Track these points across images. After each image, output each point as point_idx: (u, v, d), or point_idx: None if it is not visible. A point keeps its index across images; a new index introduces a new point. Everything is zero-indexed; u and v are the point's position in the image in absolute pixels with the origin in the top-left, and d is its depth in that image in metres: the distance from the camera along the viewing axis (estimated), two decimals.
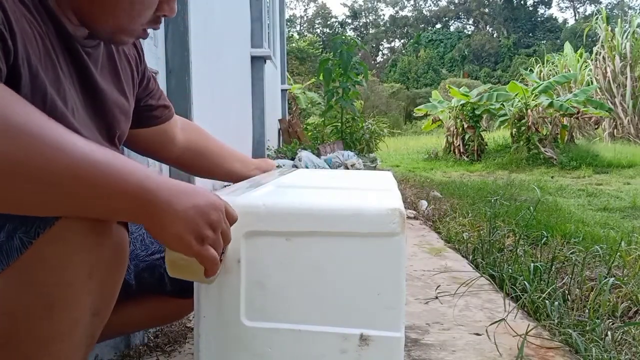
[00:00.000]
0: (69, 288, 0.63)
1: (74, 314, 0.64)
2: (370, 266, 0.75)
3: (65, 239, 0.61)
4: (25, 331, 0.61)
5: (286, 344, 0.77)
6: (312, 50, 27.28)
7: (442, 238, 2.87)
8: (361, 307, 0.76)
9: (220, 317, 0.79)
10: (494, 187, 5.26)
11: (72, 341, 0.66)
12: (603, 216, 3.94)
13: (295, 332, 0.77)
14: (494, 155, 9.65)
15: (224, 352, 0.79)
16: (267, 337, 0.78)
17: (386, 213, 0.75)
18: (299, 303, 0.77)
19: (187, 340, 1.39)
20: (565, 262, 2.17)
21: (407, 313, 1.62)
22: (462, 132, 9.92)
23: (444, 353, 1.34)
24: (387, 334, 0.76)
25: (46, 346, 0.63)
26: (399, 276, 0.76)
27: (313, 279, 0.77)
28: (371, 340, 0.76)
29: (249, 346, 0.78)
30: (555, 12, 70.83)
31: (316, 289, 0.77)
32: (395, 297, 0.76)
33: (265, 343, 0.78)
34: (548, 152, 8.62)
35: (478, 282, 1.91)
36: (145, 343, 1.34)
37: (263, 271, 0.77)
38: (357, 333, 0.75)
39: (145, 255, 1.01)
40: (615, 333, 1.45)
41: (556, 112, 8.85)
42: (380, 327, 0.76)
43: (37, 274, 0.61)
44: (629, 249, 2.31)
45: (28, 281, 0.61)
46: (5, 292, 0.60)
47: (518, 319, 1.57)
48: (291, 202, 0.79)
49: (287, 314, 0.78)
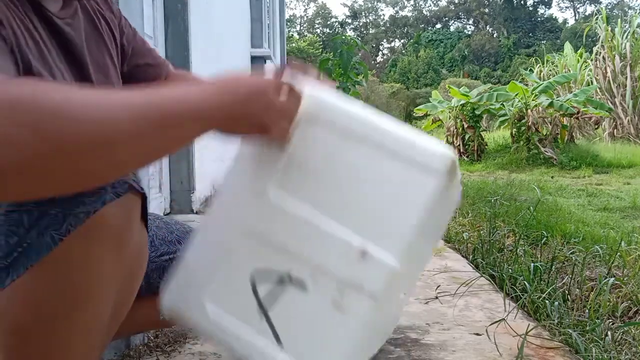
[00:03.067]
0: (94, 286, 0.63)
1: (96, 311, 0.65)
2: (402, 194, 0.77)
3: (95, 237, 0.61)
4: (47, 327, 0.62)
5: (295, 224, 0.79)
6: (312, 50, 27.30)
7: (442, 238, 2.87)
8: (376, 226, 0.77)
9: (250, 177, 0.81)
10: (494, 187, 5.26)
11: (92, 339, 0.66)
12: (603, 216, 3.94)
13: (308, 219, 0.79)
14: (494, 155, 9.66)
15: (239, 206, 0.80)
16: (283, 209, 0.79)
17: (440, 154, 0.76)
18: (326, 193, 0.80)
19: (187, 340, 1.39)
20: (565, 262, 2.17)
21: (407, 313, 1.63)
22: (462, 132, 9.92)
23: (444, 353, 1.34)
24: (386, 257, 0.76)
25: (67, 343, 0.64)
26: (420, 217, 0.76)
27: (347, 180, 0.79)
28: (369, 257, 0.76)
29: (264, 212, 0.80)
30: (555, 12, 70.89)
31: (345, 191, 0.79)
32: (407, 233, 0.77)
33: (278, 213, 0.80)
34: (548, 152, 8.63)
35: (478, 282, 1.91)
36: (145, 343, 1.34)
37: (307, 155, 0.80)
38: (360, 246, 0.76)
39: (154, 256, 1.01)
40: (615, 333, 1.45)
41: (556, 112, 8.86)
42: (382, 247, 0.76)
43: (65, 271, 0.61)
44: (629, 249, 2.31)
45: (55, 278, 0.61)
46: (31, 288, 0.61)
47: (518, 319, 1.57)
48: (356, 107, 0.81)
49: (309, 196, 0.79)
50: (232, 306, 0.77)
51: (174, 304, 0.78)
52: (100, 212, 0.61)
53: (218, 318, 0.77)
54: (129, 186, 0.64)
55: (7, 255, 0.59)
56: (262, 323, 0.76)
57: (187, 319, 0.78)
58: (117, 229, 0.63)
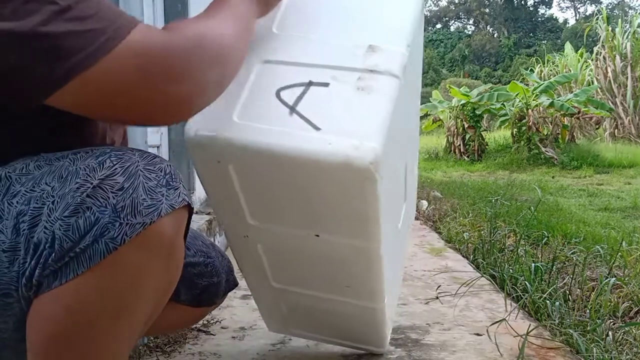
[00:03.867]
0: (138, 296, 0.63)
1: (135, 321, 0.65)
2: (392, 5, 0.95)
3: (149, 249, 0.61)
4: (88, 334, 0.61)
5: (303, 44, 0.90)
6: None
7: (443, 238, 2.87)
8: (376, 32, 0.89)
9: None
10: (495, 187, 5.26)
11: (127, 346, 0.67)
12: (604, 216, 3.94)
13: (314, 38, 0.90)
14: (495, 155, 9.66)
15: (254, 41, 0.88)
16: (290, 35, 0.92)
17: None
18: (325, 20, 0.94)
19: (187, 340, 1.39)
20: (566, 262, 2.17)
21: (407, 313, 1.63)
22: (462, 132, 9.92)
23: (445, 353, 1.34)
24: (394, 47, 0.87)
25: (105, 351, 0.63)
26: (414, 15, 0.95)
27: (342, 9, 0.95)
28: (380, 49, 0.86)
29: (276, 43, 0.90)
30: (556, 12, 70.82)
31: (342, 16, 0.94)
32: (406, 26, 0.91)
33: (288, 39, 0.92)
34: (549, 152, 8.62)
35: (479, 282, 1.91)
36: (145, 343, 1.34)
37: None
38: (369, 42, 0.86)
39: None
40: (617, 333, 1.45)
41: (557, 112, 8.85)
42: (387, 43, 0.87)
43: (114, 280, 0.61)
44: (630, 249, 2.31)
45: (103, 286, 0.60)
46: (77, 294, 0.60)
47: (519, 319, 1.56)
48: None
49: (311, 23, 0.93)
50: (261, 116, 0.80)
51: (201, 128, 0.79)
52: (157, 223, 0.61)
53: (249, 127, 0.79)
54: (182, 199, 0.65)
55: (59, 259, 0.58)
56: (294, 118, 0.79)
57: (215, 139, 0.79)
58: (169, 242, 0.63)
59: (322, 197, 0.83)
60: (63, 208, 0.59)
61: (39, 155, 0.66)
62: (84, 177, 0.60)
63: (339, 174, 0.77)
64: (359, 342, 1.27)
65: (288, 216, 0.90)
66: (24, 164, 0.64)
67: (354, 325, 1.18)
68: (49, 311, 0.60)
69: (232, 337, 1.43)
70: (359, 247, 0.91)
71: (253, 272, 1.09)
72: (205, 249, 1.07)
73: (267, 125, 0.78)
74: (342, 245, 0.91)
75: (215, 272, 1.06)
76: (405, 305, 1.71)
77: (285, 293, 1.12)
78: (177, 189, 0.65)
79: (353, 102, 0.80)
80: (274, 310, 1.23)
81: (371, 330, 1.19)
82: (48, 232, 0.59)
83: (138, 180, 0.61)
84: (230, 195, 0.87)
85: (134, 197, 0.60)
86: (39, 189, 0.61)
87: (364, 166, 0.75)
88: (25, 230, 0.60)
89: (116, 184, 0.60)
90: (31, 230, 0.59)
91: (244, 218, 0.92)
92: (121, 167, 0.61)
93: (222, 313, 1.61)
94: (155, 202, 0.61)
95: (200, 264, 1.03)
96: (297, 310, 1.20)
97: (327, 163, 0.76)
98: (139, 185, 0.61)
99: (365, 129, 0.77)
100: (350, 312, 1.11)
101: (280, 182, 0.83)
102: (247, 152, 0.78)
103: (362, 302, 1.06)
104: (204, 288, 1.05)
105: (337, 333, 1.26)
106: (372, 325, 1.16)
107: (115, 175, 0.60)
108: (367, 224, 0.86)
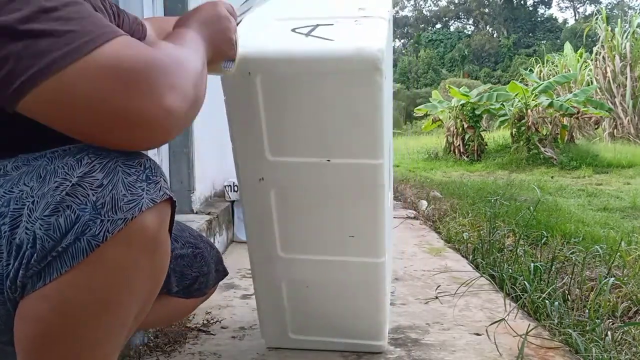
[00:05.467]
0: (125, 292, 0.63)
1: (124, 317, 0.65)
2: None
3: (132, 244, 0.61)
4: (75, 331, 0.61)
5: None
6: None
7: (442, 238, 2.87)
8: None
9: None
10: (494, 187, 5.25)
11: (117, 341, 0.66)
12: (603, 216, 3.94)
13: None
14: (494, 155, 9.65)
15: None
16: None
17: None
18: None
19: (187, 340, 1.39)
20: (565, 262, 2.17)
21: (407, 313, 1.63)
22: (462, 132, 9.91)
23: (444, 353, 1.34)
24: (378, 6, 1.13)
25: (93, 346, 0.63)
26: None
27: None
28: (368, 6, 1.13)
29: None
30: (555, 12, 70.78)
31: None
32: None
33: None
34: (548, 152, 8.62)
35: (478, 282, 1.91)
36: (145, 343, 1.34)
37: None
38: (357, 4, 1.14)
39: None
40: (616, 333, 1.45)
41: (556, 112, 8.85)
42: (373, 5, 1.15)
43: (99, 276, 0.61)
44: (629, 249, 2.31)
45: (88, 283, 0.60)
46: (62, 293, 0.60)
47: (518, 319, 1.57)
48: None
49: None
50: (283, 39, 1.05)
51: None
52: (138, 218, 0.61)
53: (275, 43, 1.04)
54: (164, 193, 0.64)
55: (42, 260, 0.58)
56: (309, 39, 1.03)
57: (247, 52, 0.99)
58: (153, 236, 0.63)
59: (334, 111, 1.03)
60: (43, 207, 0.59)
61: (16, 157, 0.65)
62: (63, 175, 0.60)
63: (350, 67, 0.98)
64: (359, 336, 1.28)
65: (302, 144, 1.07)
66: (1, 166, 0.64)
67: (355, 309, 1.23)
68: (35, 312, 0.60)
69: (232, 337, 1.44)
70: (366, 165, 1.06)
71: (261, 240, 1.17)
72: (194, 240, 1.07)
73: (290, 43, 1.02)
74: (351, 167, 1.07)
75: (204, 262, 1.07)
76: (404, 305, 1.71)
77: (290, 270, 1.19)
78: (157, 183, 0.64)
79: (355, 29, 1.04)
80: (275, 312, 1.24)
81: (372, 306, 1.23)
82: (29, 233, 0.58)
83: (117, 176, 0.61)
84: (252, 118, 1.05)
85: (113, 193, 0.60)
86: (17, 190, 0.60)
87: (372, 54, 0.96)
88: (7, 232, 0.59)
89: (95, 181, 0.60)
90: (12, 231, 0.59)
91: (263, 153, 1.07)
92: (99, 164, 0.61)
93: (222, 313, 1.61)
94: (135, 197, 0.61)
95: (189, 255, 1.04)
96: (298, 304, 1.22)
97: (341, 55, 0.98)
98: (119, 181, 0.61)
99: (368, 38, 1.00)
100: (353, 282, 1.19)
101: (300, 94, 1.03)
102: (276, 61, 1.00)
103: (365, 257, 1.16)
104: (194, 279, 1.06)
105: (337, 329, 1.26)
106: (373, 299, 1.22)
107: (94, 172, 0.60)
108: (373, 137, 1.04)
